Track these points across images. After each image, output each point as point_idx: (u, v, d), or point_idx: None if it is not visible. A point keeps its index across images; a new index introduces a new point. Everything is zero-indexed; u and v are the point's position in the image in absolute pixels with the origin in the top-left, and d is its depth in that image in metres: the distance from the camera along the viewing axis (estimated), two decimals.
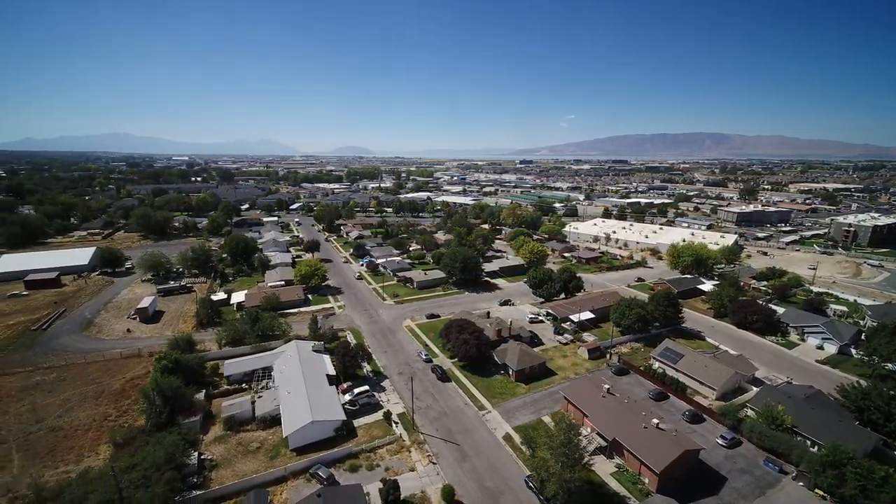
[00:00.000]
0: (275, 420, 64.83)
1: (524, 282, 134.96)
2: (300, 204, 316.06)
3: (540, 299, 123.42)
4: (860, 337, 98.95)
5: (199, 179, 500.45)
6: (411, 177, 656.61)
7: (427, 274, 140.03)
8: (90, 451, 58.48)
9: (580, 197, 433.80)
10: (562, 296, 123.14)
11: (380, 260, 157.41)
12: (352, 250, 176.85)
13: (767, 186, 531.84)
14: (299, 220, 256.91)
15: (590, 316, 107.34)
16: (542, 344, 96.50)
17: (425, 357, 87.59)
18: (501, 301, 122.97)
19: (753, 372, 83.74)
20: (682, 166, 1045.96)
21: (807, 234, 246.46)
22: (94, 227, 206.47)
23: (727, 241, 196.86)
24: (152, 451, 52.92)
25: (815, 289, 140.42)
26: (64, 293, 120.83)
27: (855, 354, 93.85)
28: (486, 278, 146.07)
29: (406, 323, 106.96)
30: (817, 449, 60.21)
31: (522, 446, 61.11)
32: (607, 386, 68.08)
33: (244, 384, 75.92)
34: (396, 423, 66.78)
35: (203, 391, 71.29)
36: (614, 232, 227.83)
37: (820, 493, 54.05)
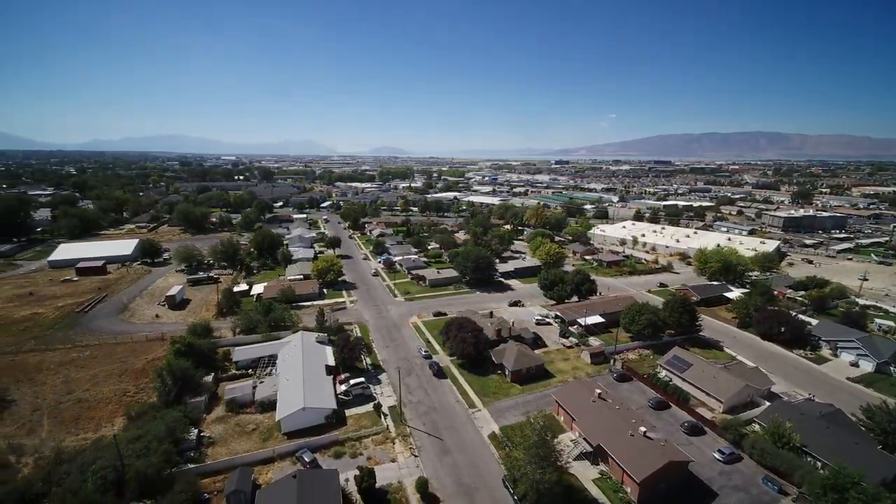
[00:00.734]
0: (272, 405, 68.36)
1: (537, 283, 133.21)
2: (330, 202, 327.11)
3: (551, 301, 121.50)
4: None
5: (242, 178, 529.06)
6: (442, 177, 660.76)
7: (440, 272, 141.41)
8: (107, 422, 64.48)
9: (613, 198, 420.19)
10: (574, 298, 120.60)
11: (396, 258, 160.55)
12: (372, 248, 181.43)
13: (826, 189, 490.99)
14: (327, 218, 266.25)
15: (599, 320, 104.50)
16: (546, 346, 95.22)
17: (425, 353, 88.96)
18: (511, 302, 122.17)
19: (769, 386, 78.59)
20: (732, 168, 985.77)
21: (864, 242, 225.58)
22: (142, 221, 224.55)
23: (767, 248, 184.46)
24: (156, 425, 57.79)
25: (862, 301, 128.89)
26: (108, 280, 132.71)
27: (895, 373, 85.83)
28: (501, 279, 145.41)
29: (412, 320, 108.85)
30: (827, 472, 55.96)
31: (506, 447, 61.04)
32: (599, 391, 66.47)
33: (250, 370, 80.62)
34: (386, 415, 68.56)
35: (212, 374, 76.41)
36: (643, 235, 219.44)
37: None
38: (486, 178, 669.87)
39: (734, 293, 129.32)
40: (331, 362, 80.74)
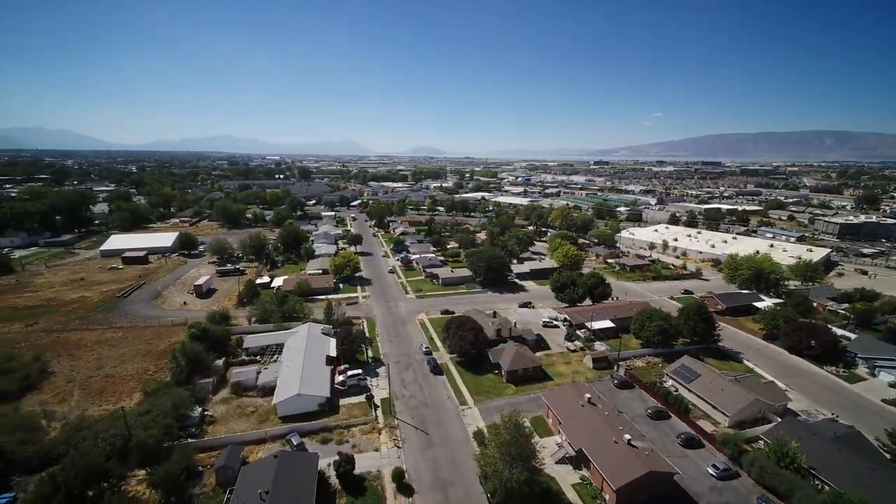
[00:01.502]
0: (272, 390, 72.32)
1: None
2: (360, 201, 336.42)
3: (563, 304, 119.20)
4: None
5: (281, 177, 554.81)
6: (475, 177, 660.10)
7: (454, 271, 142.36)
8: (127, 396, 70.87)
9: (651, 201, 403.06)
10: (587, 301, 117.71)
11: (413, 256, 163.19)
12: (392, 245, 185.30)
13: None
14: (355, 216, 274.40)
15: (608, 325, 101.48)
16: (549, 349, 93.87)
17: (425, 349, 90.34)
18: (521, 303, 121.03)
19: (785, 402, 73.41)
20: (790, 169, 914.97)
21: None
22: (186, 216, 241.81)
23: (815, 256, 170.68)
24: (163, 401, 62.98)
25: None
26: (148, 269, 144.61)
27: None
28: (515, 280, 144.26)
29: (419, 317, 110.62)
30: None
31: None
32: (588, 395, 65.03)
33: (258, 357, 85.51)
34: (377, 407, 70.61)
35: (223, 359, 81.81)
36: (675, 239, 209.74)
37: None
38: (519, 179, 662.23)
39: (765, 303, 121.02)
40: (332, 353, 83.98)
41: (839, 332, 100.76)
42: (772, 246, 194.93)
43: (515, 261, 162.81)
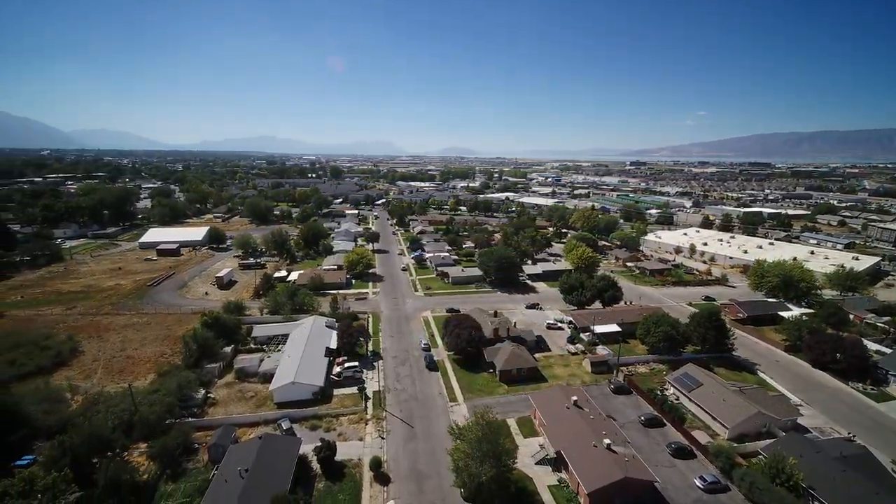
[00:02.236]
0: (272, 377, 75.91)
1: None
2: (385, 200, 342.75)
3: (572, 306, 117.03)
4: None
5: (314, 176, 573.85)
6: (503, 177, 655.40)
7: (464, 270, 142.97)
8: (142, 376, 76.71)
9: (686, 203, 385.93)
10: (596, 305, 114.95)
11: (427, 254, 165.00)
12: (409, 244, 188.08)
13: None
14: (377, 215, 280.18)
15: (615, 329, 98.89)
16: (549, 350, 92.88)
17: (424, 346, 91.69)
18: (529, 304, 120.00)
19: (794, 417, 69.14)
20: (849, 171, 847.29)
21: None
22: (220, 212, 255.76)
23: (861, 265, 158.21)
24: (170, 382, 67.87)
25: None
26: (179, 261, 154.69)
27: None
28: (527, 281, 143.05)
29: (424, 314, 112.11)
30: None
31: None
32: (575, 398, 64.08)
33: (265, 346, 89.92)
34: (368, 398, 72.70)
35: (231, 346, 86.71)
36: (704, 244, 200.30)
37: None
38: (549, 179, 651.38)
39: (792, 313, 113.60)
40: (333, 346, 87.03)
41: (873, 347, 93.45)
42: (812, 253, 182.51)
43: (530, 262, 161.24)
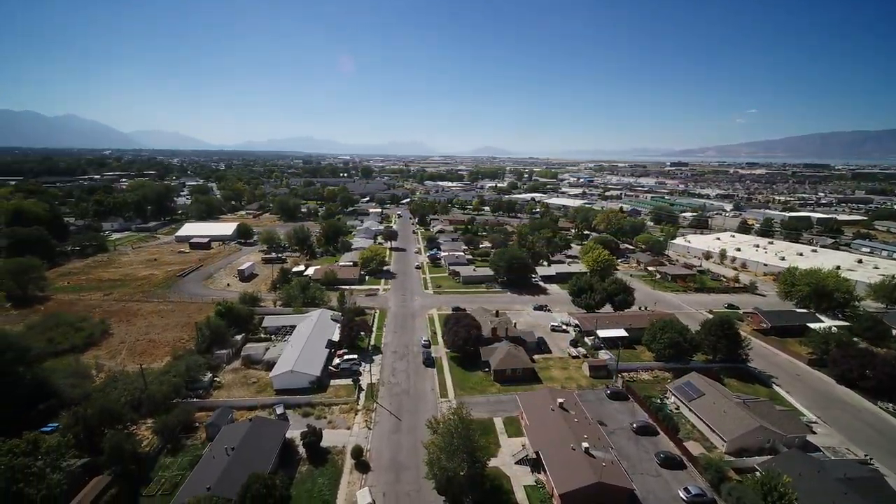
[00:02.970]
0: (275, 365, 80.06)
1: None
2: (410, 199, 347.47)
3: (581, 309, 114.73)
4: None
5: (346, 175, 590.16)
6: (533, 177, 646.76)
7: (476, 270, 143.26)
8: (160, 358, 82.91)
9: (726, 206, 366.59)
10: (607, 308, 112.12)
11: (442, 253, 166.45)
12: (426, 242, 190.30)
13: None
14: (401, 213, 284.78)
15: (621, 334, 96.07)
16: (549, 352, 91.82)
17: (425, 342, 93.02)
18: (537, 305, 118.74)
19: (803, 435, 65.03)
20: None
21: None
22: (252, 209, 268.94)
23: None
24: (180, 365, 73.10)
25: None
26: (209, 254, 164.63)
27: None
28: (539, 282, 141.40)
29: (430, 312, 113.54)
30: None
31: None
32: (561, 400, 63.36)
33: (273, 336, 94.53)
34: (362, 390, 75.05)
35: (242, 335, 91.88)
36: (738, 249, 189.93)
37: None
38: (581, 180, 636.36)
39: (823, 325, 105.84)
40: (335, 338, 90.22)
41: None
42: (860, 261, 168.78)
43: (546, 263, 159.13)
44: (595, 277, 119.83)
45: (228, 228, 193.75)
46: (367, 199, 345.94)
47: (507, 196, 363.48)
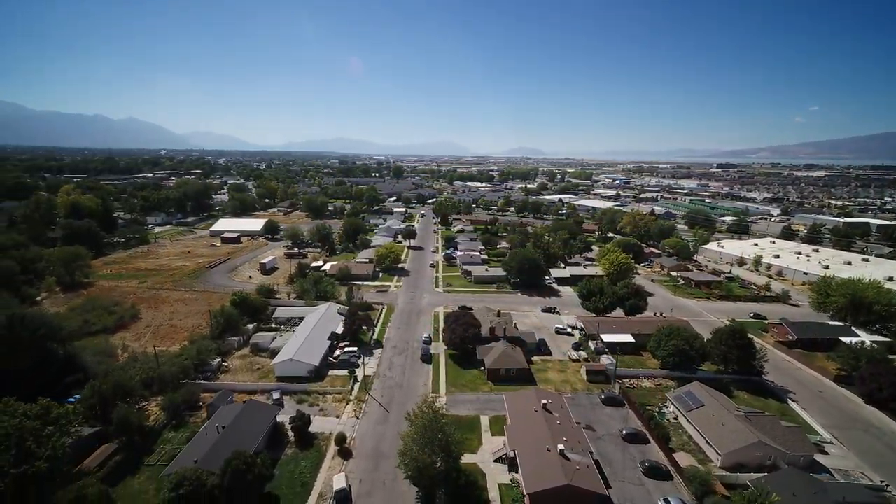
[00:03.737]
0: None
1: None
2: (436, 199, 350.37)
3: (591, 313, 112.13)
4: None
5: (377, 175, 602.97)
6: (566, 178, 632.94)
7: (488, 270, 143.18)
8: (179, 343, 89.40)
9: (773, 211, 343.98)
10: (617, 312, 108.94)
11: (458, 253, 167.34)
12: (444, 242, 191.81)
13: None
14: (424, 213, 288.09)
15: (628, 339, 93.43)
16: (549, 354, 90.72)
17: (425, 339, 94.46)
18: (545, 307, 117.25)
19: (810, 454, 60.79)
20: None
21: None
22: (283, 206, 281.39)
23: None
24: (192, 349, 78.70)
25: None
26: (237, 248, 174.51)
27: None
28: (552, 284, 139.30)
29: (437, 309, 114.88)
30: None
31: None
32: (545, 401, 62.77)
33: (282, 326, 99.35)
34: (357, 382, 77.58)
35: (254, 324, 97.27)
36: (776, 256, 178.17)
37: None
38: (616, 182, 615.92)
39: (858, 339, 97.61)
40: (339, 331, 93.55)
41: None
42: None
43: (562, 265, 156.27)
44: (606, 281, 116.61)
45: (258, 224, 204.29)
46: (395, 199, 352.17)
47: (535, 197, 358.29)
